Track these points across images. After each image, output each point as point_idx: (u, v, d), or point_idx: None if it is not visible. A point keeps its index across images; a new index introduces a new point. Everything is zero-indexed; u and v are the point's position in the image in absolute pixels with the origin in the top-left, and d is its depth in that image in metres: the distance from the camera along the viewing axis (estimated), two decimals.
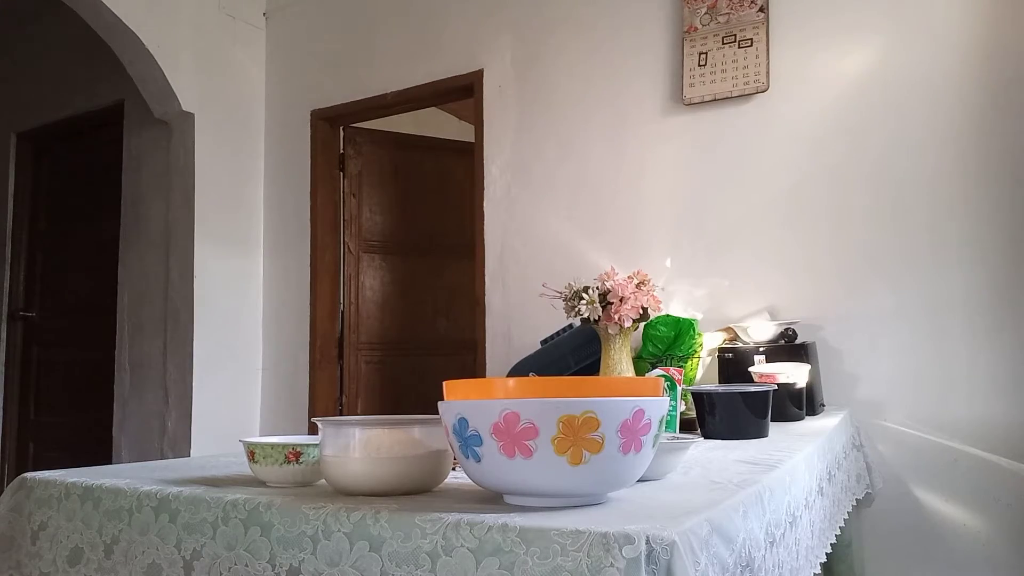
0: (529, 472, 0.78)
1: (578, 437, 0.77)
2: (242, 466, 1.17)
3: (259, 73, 3.79)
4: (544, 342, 2.48)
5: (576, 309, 1.93)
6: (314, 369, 3.56)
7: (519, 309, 3.00)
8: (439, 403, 0.86)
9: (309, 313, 3.57)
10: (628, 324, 1.89)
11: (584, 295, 1.92)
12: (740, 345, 2.23)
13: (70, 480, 1.09)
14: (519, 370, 2.41)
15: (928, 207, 2.35)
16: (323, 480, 1.00)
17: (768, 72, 2.57)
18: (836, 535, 1.57)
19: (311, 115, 3.62)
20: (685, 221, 2.71)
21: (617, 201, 2.85)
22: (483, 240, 3.14)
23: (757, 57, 2.59)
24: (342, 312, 3.75)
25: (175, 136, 3.57)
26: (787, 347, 2.16)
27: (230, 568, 0.89)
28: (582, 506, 0.82)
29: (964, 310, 2.28)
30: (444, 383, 0.88)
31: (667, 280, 2.62)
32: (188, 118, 3.50)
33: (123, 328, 3.82)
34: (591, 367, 2.26)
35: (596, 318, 1.90)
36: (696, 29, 2.71)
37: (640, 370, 2.09)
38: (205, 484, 1.04)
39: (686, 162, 2.72)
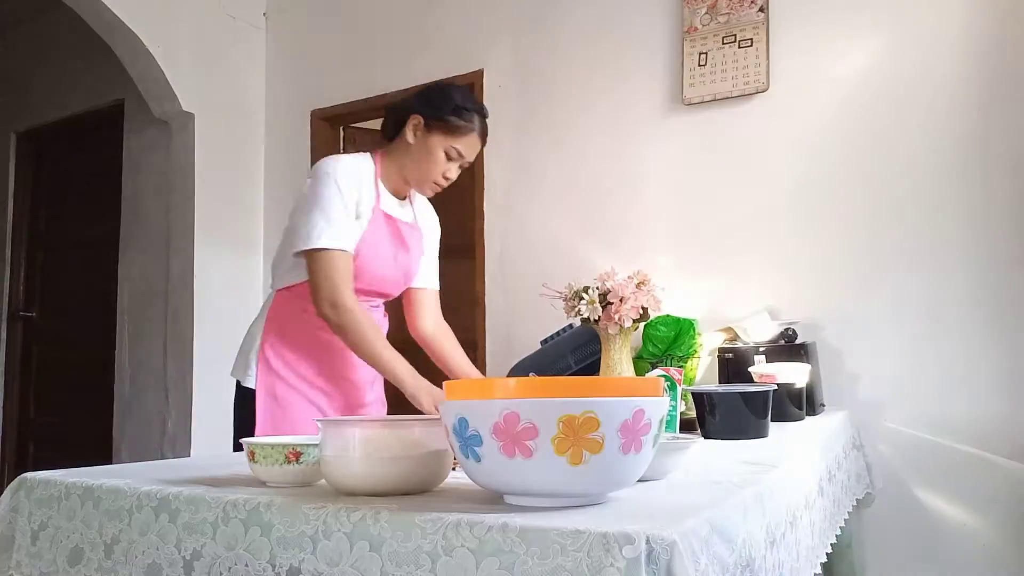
0: (529, 472, 0.78)
1: (578, 437, 0.77)
2: (242, 466, 1.17)
3: (259, 73, 3.79)
4: (544, 342, 2.48)
5: (576, 309, 1.93)
6: None
7: (519, 309, 3.00)
8: (439, 403, 0.86)
9: None
10: (628, 324, 1.89)
11: (584, 295, 1.92)
12: (740, 345, 2.23)
13: (70, 480, 1.09)
14: (519, 370, 2.41)
15: (927, 207, 2.35)
16: (323, 480, 1.00)
17: (768, 72, 2.57)
18: (836, 535, 1.57)
19: (311, 115, 3.62)
20: (685, 221, 2.71)
21: (617, 201, 2.85)
22: (483, 240, 3.14)
23: (757, 57, 2.59)
24: None
25: (175, 136, 3.57)
26: (787, 347, 2.15)
27: (230, 568, 0.89)
28: (582, 506, 0.82)
29: (964, 310, 2.28)
30: (444, 383, 0.88)
31: (667, 280, 2.62)
32: (188, 118, 3.49)
33: (123, 328, 3.82)
34: (591, 367, 2.25)
35: (596, 318, 1.90)
36: (696, 29, 2.71)
37: (640, 370, 2.09)
38: (205, 484, 1.04)
39: (686, 162, 2.72)
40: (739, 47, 2.62)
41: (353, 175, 1.77)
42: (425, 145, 1.79)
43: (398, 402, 1.84)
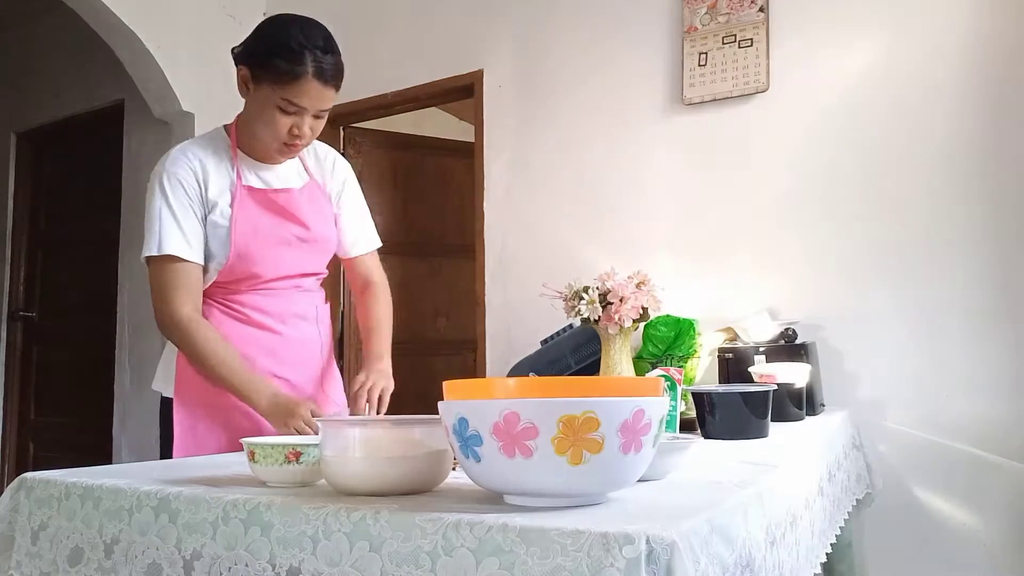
0: (529, 472, 0.78)
1: (578, 437, 0.76)
2: (242, 466, 1.17)
3: None
4: (544, 342, 2.48)
5: (576, 309, 1.93)
6: None
7: (519, 309, 3.00)
8: (439, 403, 0.86)
9: None
10: (628, 324, 1.89)
11: (584, 295, 1.92)
12: (740, 345, 2.23)
13: (70, 480, 1.09)
14: (519, 370, 2.41)
15: (928, 207, 2.35)
16: (323, 480, 1.00)
17: (768, 72, 2.57)
18: (836, 535, 1.57)
19: None
20: (685, 221, 2.71)
21: (617, 201, 2.85)
22: (483, 240, 3.14)
23: (757, 57, 2.59)
24: (342, 312, 3.74)
25: (175, 136, 3.56)
26: (787, 347, 2.15)
27: (230, 568, 0.89)
28: (582, 506, 0.82)
29: (964, 310, 2.28)
30: (444, 383, 0.88)
31: (667, 280, 2.62)
32: (188, 118, 3.49)
33: (123, 328, 3.82)
34: (591, 367, 2.25)
35: (596, 318, 1.90)
36: (696, 29, 2.71)
37: (640, 370, 2.09)
38: (205, 484, 1.04)
39: (686, 162, 2.72)
40: (739, 47, 2.62)
41: (185, 167, 1.55)
42: (256, 101, 1.54)
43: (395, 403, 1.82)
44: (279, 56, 1.49)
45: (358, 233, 1.83)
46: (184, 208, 1.54)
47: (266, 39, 1.54)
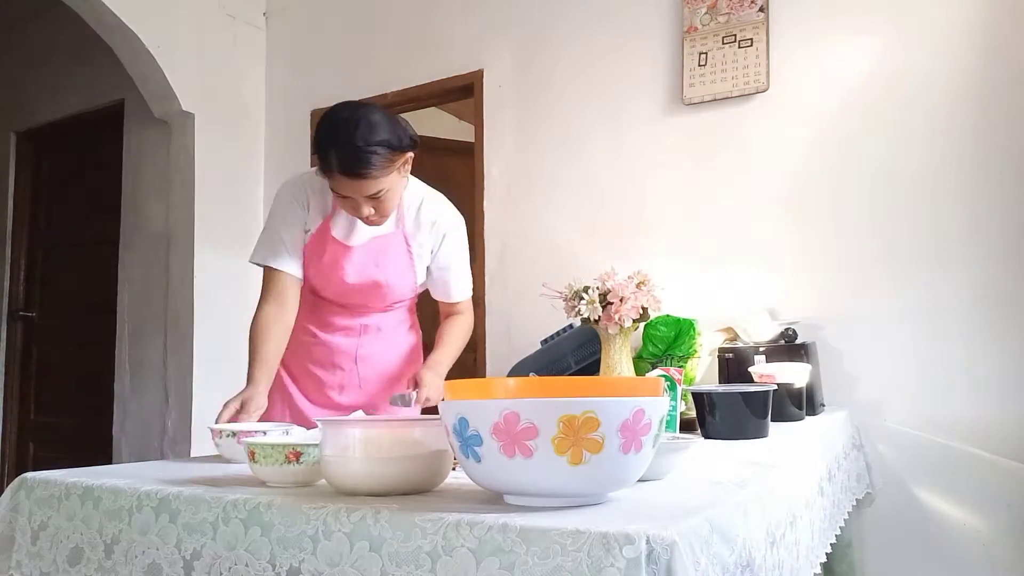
0: (529, 472, 0.78)
1: (578, 437, 0.77)
2: (242, 466, 1.17)
3: (259, 73, 3.79)
4: (544, 342, 2.48)
5: (576, 309, 1.93)
6: None
7: (519, 309, 2.99)
8: (439, 403, 0.86)
9: None
10: (628, 324, 1.89)
11: (584, 295, 1.92)
12: (740, 345, 2.23)
13: (70, 480, 1.09)
14: (519, 370, 2.41)
15: (928, 207, 2.35)
16: (323, 480, 1.00)
17: (768, 72, 2.57)
18: (836, 535, 1.57)
19: (311, 115, 3.62)
20: (685, 221, 2.71)
21: (617, 201, 2.84)
22: (483, 240, 3.14)
23: (757, 57, 2.59)
24: None
25: (175, 136, 3.57)
26: (787, 347, 2.15)
27: (230, 568, 0.89)
28: (582, 506, 0.82)
29: (964, 310, 2.28)
30: (444, 383, 0.88)
31: (667, 280, 2.62)
32: (188, 118, 3.49)
33: (123, 328, 3.82)
34: (591, 367, 2.25)
35: (596, 318, 1.90)
36: (696, 29, 2.71)
37: (640, 370, 2.09)
38: (205, 484, 1.04)
39: (686, 162, 2.72)
40: (739, 47, 2.62)
41: (296, 191, 1.84)
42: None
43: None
44: (317, 155, 1.65)
45: (452, 283, 1.96)
46: (287, 224, 1.82)
47: (316, 135, 1.68)
